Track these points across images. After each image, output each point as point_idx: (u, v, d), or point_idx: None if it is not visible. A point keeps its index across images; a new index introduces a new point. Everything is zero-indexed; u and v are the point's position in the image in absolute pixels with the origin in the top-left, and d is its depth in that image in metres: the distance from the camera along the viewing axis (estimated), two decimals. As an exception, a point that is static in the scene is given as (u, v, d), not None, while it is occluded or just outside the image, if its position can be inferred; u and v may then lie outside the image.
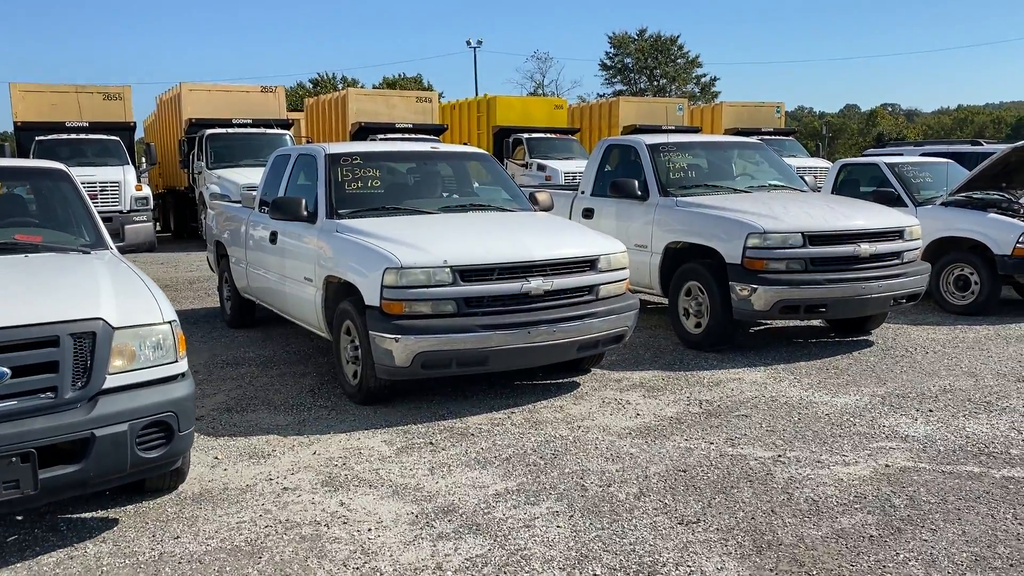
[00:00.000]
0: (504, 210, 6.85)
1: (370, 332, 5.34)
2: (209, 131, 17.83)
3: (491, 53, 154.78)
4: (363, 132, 19.87)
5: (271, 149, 17.88)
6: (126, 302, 3.82)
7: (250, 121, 18.59)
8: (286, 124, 19.40)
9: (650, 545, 3.64)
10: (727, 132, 24.46)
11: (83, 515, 4.03)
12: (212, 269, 9.49)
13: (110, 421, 3.52)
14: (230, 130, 18.12)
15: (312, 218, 6.32)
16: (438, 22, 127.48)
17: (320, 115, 22.98)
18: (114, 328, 3.63)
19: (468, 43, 53.53)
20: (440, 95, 25.64)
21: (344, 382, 5.97)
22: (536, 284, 5.48)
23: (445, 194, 7.20)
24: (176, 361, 3.83)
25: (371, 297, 5.36)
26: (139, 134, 21.66)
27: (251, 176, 16.52)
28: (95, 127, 18.15)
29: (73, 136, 17.56)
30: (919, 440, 4.97)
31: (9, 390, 3.39)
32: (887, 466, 4.55)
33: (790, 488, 4.26)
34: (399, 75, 61.73)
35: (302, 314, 6.64)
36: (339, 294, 5.95)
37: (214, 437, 5.15)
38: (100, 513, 4.04)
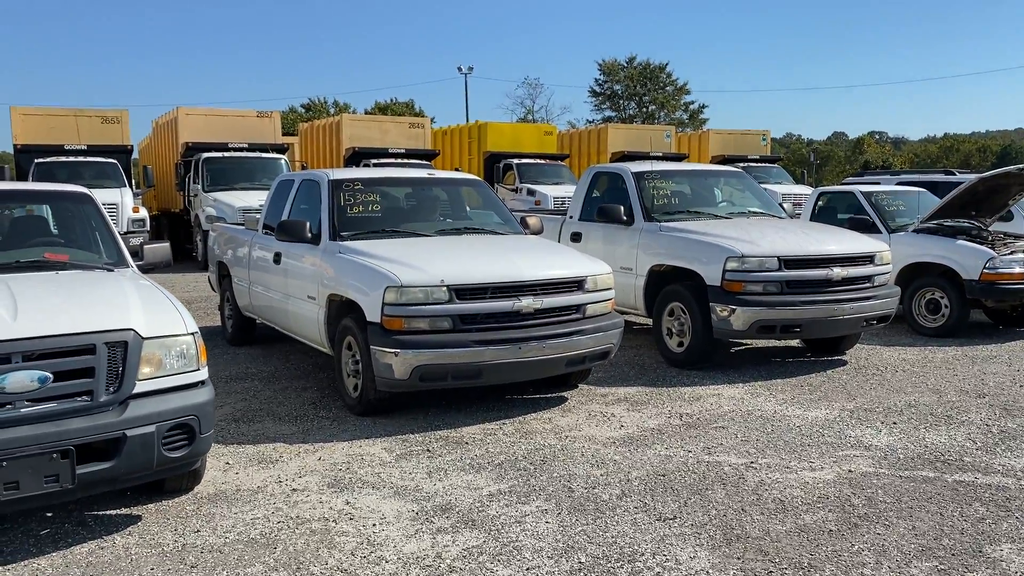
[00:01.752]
0: (496, 233, 7.23)
1: (371, 346, 5.67)
2: (205, 155, 18.21)
3: (482, 79, 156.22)
4: (356, 157, 20.31)
5: (266, 173, 18.51)
6: (153, 314, 4.18)
7: (246, 145, 18.99)
8: (281, 148, 19.82)
9: (630, 538, 4.01)
10: (714, 159, 25.02)
11: (109, 512, 4.36)
12: (213, 289, 9.83)
13: (140, 423, 3.87)
14: (226, 154, 18.52)
15: (316, 240, 6.68)
16: (430, 48, 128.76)
17: (314, 140, 23.44)
18: (144, 338, 3.99)
19: (459, 69, 54.30)
20: (432, 120, 26.17)
21: (345, 394, 6.30)
22: (527, 303, 5.83)
23: (441, 218, 7.57)
24: (198, 369, 4.19)
25: (372, 314, 5.70)
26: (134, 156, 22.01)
27: (247, 199, 16.93)
28: (93, 150, 18.55)
29: (71, 159, 17.94)
30: (881, 449, 5.36)
31: (50, 393, 3.75)
32: (850, 471, 4.94)
33: (760, 490, 4.63)
34: (391, 100, 62.48)
35: (304, 330, 6.97)
36: (341, 311, 6.27)
37: (224, 445, 5.49)
38: (124, 510, 4.37)
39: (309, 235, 6.69)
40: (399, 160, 20.10)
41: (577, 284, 6.18)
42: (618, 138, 25.28)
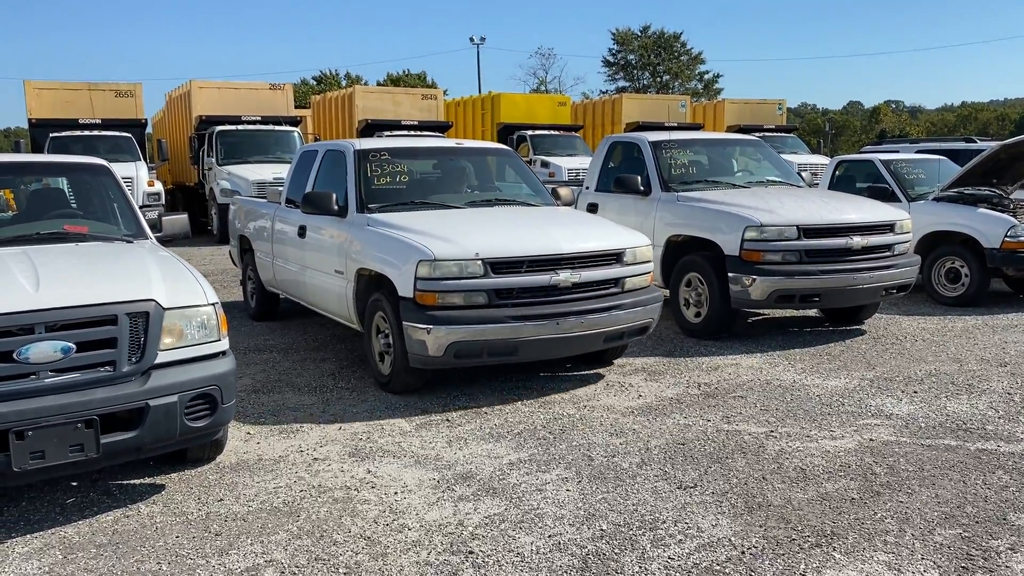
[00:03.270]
0: (528, 204, 7.05)
1: (403, 323, 5.53)
2: (219, 128, 18.19)
3: (494, 50, 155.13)
4: (369, 129, 20.23)
5: (280, 146, 18.50)
6: (174, 285, 4.19)
7: (259, 118, 18.94)
8: (295, 121, 19.78)
9: (651, 506, 4.01)
10: (729, 129, 24.76)
11: (133, 481, 4.40)
12: (235, 263, 9.68)
13: (162, 393, 3.89)
14: (240, 127, 18.48)
15: (343, 212, 6.52)
16: (442, 19, 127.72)
17: (327, 112, 23.35)
18: (165, 308, 4.00)
19: (472, 40, 54.05)
20: (444, 92, 25.96)
21: (376, 372, 6.16)
22: (564, 276, 5.66)
23: (470, 189, 7.33)
24: (219, 340, 4.20)
25: (404, 288, 5.55)
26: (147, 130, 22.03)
27: (261, 172, 16.94)
28: (107, 124, 18.58)
29: (86, 132, 17.97)
30: (902, 417, 5.33)
31: (74, 363, 3.77)
32: (871, 440, 4.92)
33: (780, 459, 4.62)
34: (403, 72, 62.11)
35: (332, 306, 6.82)
36: (370, 286, 6.14)
37: (245, 415, 5.52)
38: (148, 480, 4.42)
39: (336, 207, 6.52)
40: (412, 132, 20.01)
41: (615, 257, 6.01)
42: (632, 108, 25.05)
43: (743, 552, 3.54)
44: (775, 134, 24.75)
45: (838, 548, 3.57)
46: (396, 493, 4.22)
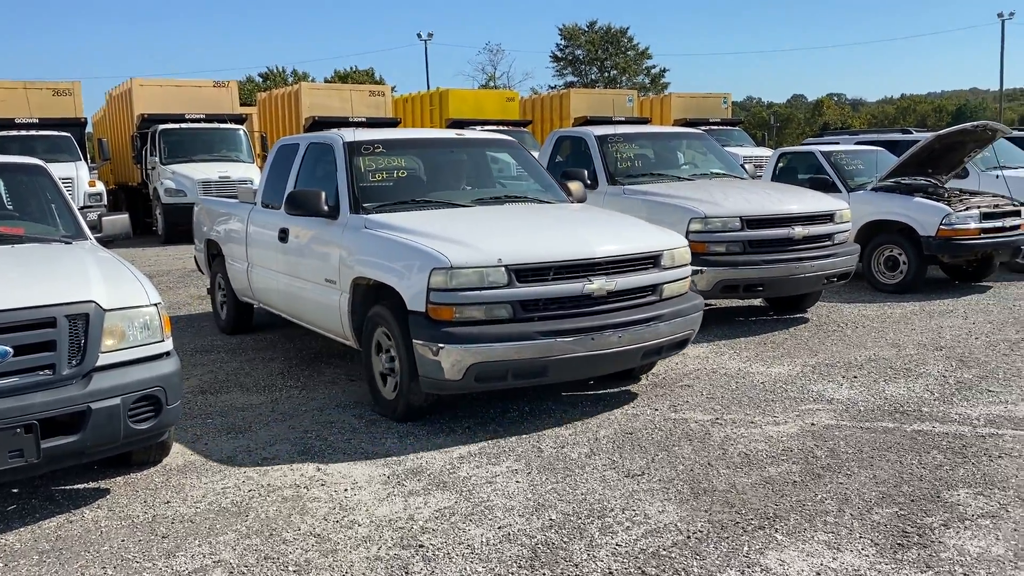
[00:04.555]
0: (542, 202, 6.41)
1: (414, 341, 4.80)
2: (162, 126, 17.87)
3: (443, 46, 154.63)
4: (317, 126, 19.98)
5: (225, 144, 18.24)
6: (114, 286, 4.12)
7: (203, 116, 18.64)
8: (240, 119, 19.50)
9: (599, 495, 4.07)
10: (676, 123, 25.05)
11: (76, 486, 4.32)
12: (200, 270, 8.86)
13: (104, 395, 3.83)
14: (183, 125, 18.17)
15: (334, 213, 5.79)
16: (389, 16, 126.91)
17: (273, 109, 23.06)
18: (105, 310, 3.93)
19: (419, 36, 53.77)
20: (393, 89, 25.82)
21: (378, 397, 5.43)
22: (599, 284, 4.97)
23: (475, 185, 6.62)
24: (163, 340, 4.14)
25: (414, 301, 4.82)
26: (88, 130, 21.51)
27: (206, 171, 16.70)
28: (45, 123, 18.10)
29: (23, 132, 17.48)
30: (843, 402, 5.49)
31: (11, 367, 3.68)
32: (812, 424, 5.05)
33: (725, 445, 4.72)
34: (351, 68, 61.61)
35: (321, 320, 6.08)
36: (369, 297, 5.43)
37: (192, 417, 5.45)
38: (92, 484, 4.34)
39: (325, 208, 5.76)
40: (360, 129, 19.85)
41: (653, 260, 5.31)
42: (581, 103, 25.22)
43: (689, 536, 3.62)
44: (721, 127, 25.14)
45: (780, 529, 3.67)
46: (346, 490, 4.21)
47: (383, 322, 5.19)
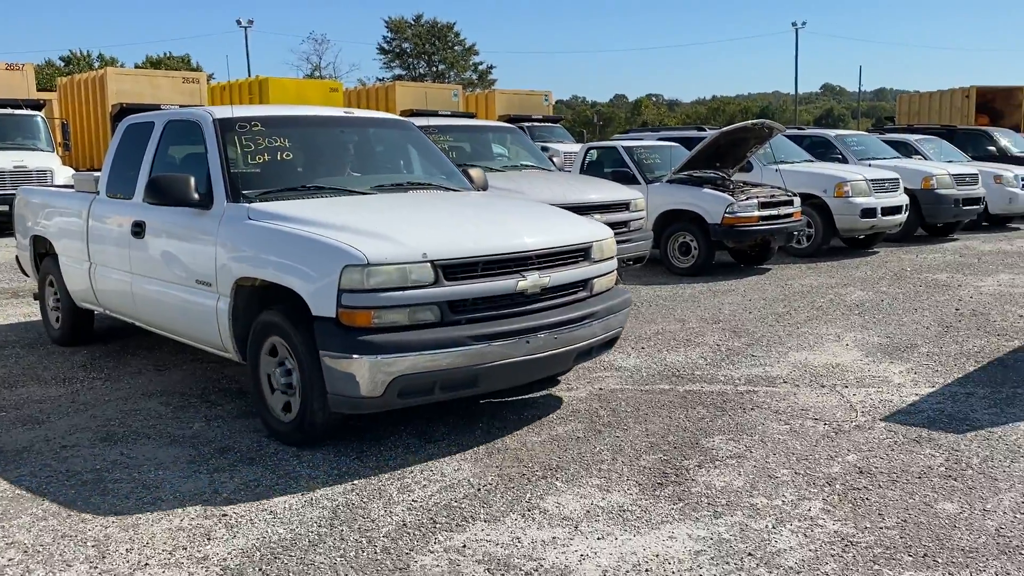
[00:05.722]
0: (448, 189, 5.80)
1: (322, 352, 4.14)
2: (-54, 112, 16.43)
3: (264, 34, 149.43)
4: (124, 114, 18.89)
5: (21, 131, 17.08)
6: None
7: (-6, 101, 17.30)
8: (37, 105, 18.24)
9: (401, 459, 4.36)
10: (500, 118, 25.74)
11: None
12: (24, 272, 7.82)
13: None
14: (-29, 111, 16.79)
15: (206, 202, 4.98)
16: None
17: (75, 95, 21.69)
18: None
19: (239, 22, 51.81)
20: (210, 77, 24.90)
21: (269, 417, 4.67)
22: (532, 280, 4.47)
23: (370, 171, 5.86)
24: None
25: (321, 305, 4.13)
26: None
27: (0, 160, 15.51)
28: None
29: None
30: (628, 369, 6.07)
31: None
32: (600, 389, 5.58)
33: (523, 411, 5.14)
34: (165, 54, 58.42)
35: (191, 329, 5.26)
36: (254, 301, 4.71)
37: (-17, 411, 5.25)
38: None
39: (195, 196, 4.95)
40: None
41: (583, 253, 4.85)
42: (406, 96, 25.42)
43: (479, 489, 3.98)
44: (543, 124, 26.11)
45: (560, 478, 4.10)
46: (151, 471, 4.26)
47: (278, 331, 4.46)
